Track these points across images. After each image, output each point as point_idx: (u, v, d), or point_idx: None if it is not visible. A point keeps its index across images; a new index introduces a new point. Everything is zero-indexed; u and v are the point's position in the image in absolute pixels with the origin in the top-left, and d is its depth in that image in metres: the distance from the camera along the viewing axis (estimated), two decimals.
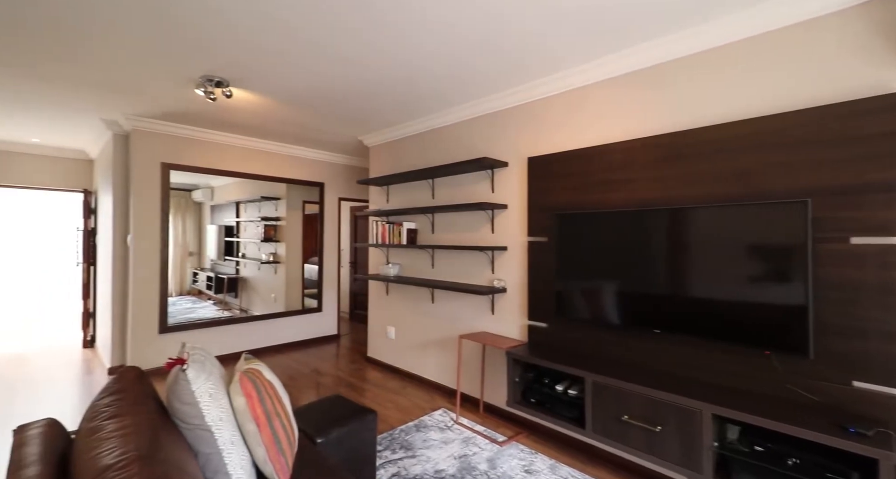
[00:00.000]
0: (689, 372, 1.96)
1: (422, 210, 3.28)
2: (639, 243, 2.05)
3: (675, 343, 2.01)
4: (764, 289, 1.68)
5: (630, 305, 2.09)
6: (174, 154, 3.79)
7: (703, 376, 1.92)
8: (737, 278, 1.75)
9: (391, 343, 3.85)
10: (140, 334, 3.61)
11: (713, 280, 1.81)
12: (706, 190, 1.92)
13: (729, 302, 1.77)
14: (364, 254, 6.08)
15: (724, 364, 1.86)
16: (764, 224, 1.68)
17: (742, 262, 1.74)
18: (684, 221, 1.90)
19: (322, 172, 4.96)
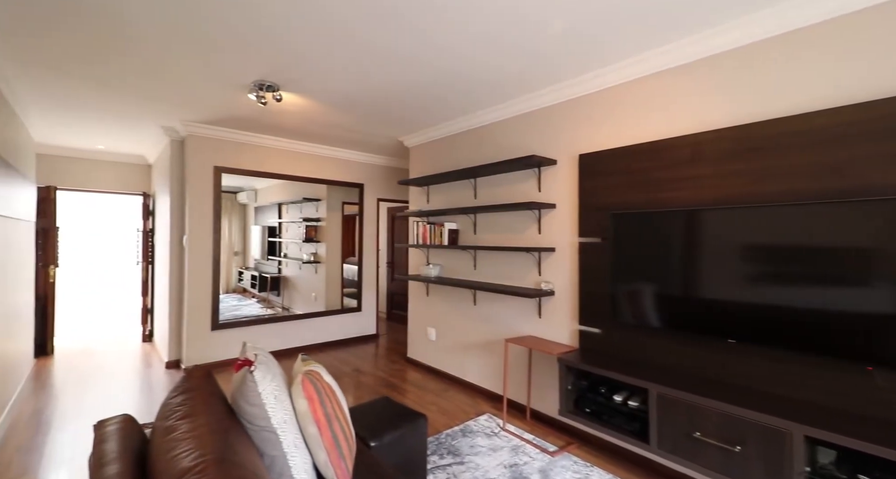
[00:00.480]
0: (770, 387, 1.78)
1: (463, 210, 3.23)
2: (709, 244, 1.88)
3: (753, 355, 1.83)
4: (864, 297, 1.49)
5: (698, 312, 1.93)
6: (225, 158, 3.94)
7: (787, 392, 1.73)
8: (829, 284, 1.56)
9: (432, 345, 3.82)
10: (194, 330, 3.78)
11: (801, 286, 1.63)
12: (787, 186, 1.74)
13: (821, 311, 1.58)
14: (402, 254, 6.11)
15: (812, 380, 1.67)
16: (865, 223, 1.49)
17: (836, 265, 1.55)
18: (763, 221, 1.73)
19: (361, 174, 5.02)
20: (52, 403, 3.06)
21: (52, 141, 4.27)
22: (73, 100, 3.04)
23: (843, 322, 1.54)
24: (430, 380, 3.60)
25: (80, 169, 4.76)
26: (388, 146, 4.54)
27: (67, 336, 4.99)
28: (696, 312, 1.94)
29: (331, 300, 4.98)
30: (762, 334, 1.73)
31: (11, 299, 3.05)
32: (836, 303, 1.55)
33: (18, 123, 3.32)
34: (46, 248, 4.27)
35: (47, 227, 4.27)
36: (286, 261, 5.09)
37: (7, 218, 2.83)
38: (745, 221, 1.78)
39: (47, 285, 4.26)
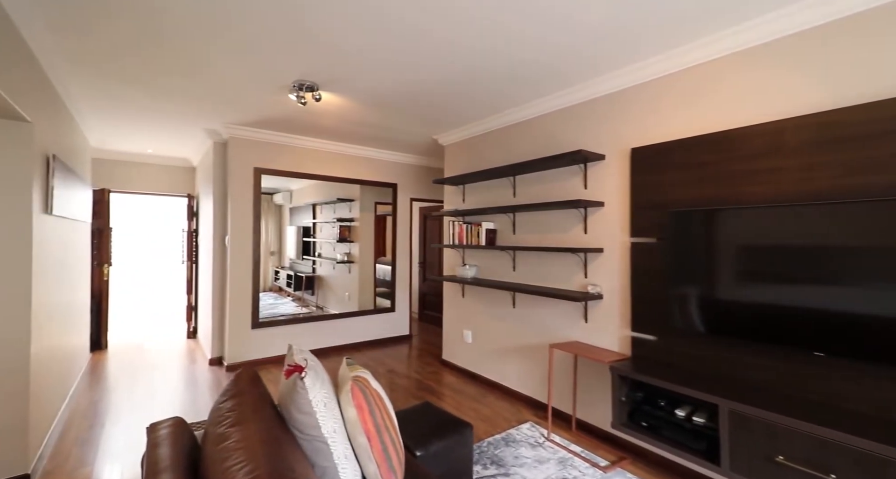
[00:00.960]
0: (866, 408, 1.57)
1: (502, 209, 3.11)
2: (793, 244, 1.68)
3: (844, 370, 1.62)
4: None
5: (776, 320, 1.73)
6: (264, 159, 4.01)
7: (889, 416, 1.51)
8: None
9: (468, 347, 3.73)
10: (235, 328, 3.87)
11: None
12: (887, 179, 1.51)
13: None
14: (434, 254, 6.05)
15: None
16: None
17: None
18: (861, 218, 1.52)
19: (395, 173, 4.99)
20: (106, 396, 3.20)
21: (106, 146, 4.51)
22: (122, 103, 3.17)
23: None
24: (467, 384, 3.50)
25: (131, 172, 5.01)
26: (421, 145, 4.49)
27: (120, 332, 5.27)
28: (774, 320, 1.74)
29: (363, 300, 4.99)
30: (859, 349, 1.52)
31: (71, 297, 3.21)
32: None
33: (77, 129, 3.51)
34: (101, 247, 4.50)
35: (102, 227, 4.50)
36: (320, 261, 5.15)
37: (67, 219, 2.98)
38: (837, 219, 1.57)
39: (102, 283, 4.50)
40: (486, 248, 3.31)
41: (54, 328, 2.63)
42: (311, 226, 5.16)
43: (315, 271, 5.20)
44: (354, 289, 5.04)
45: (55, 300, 2.63)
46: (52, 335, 2.59)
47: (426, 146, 4.54)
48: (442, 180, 3.77)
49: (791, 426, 1.51)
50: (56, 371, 2.69)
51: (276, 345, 4.10)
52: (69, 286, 3.07)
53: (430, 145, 4.49)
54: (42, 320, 2.31)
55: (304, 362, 1.22)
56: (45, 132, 2.33)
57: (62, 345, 2.87)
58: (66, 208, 2.78)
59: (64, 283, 2.89)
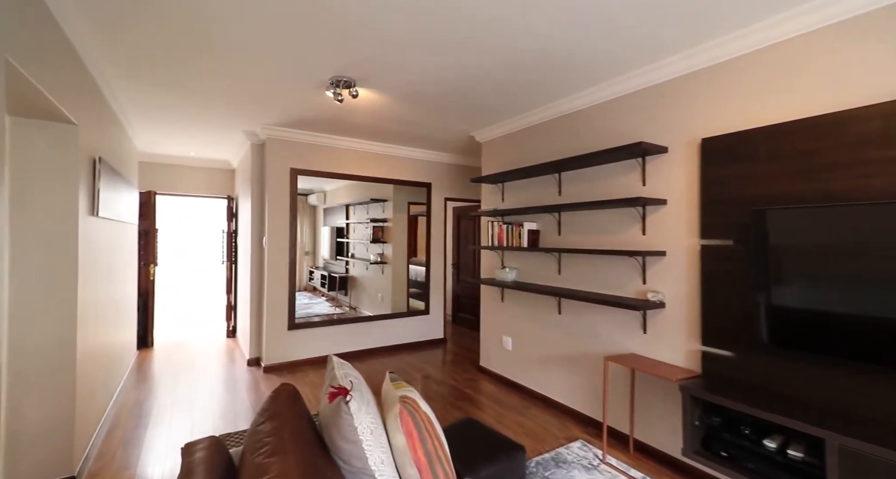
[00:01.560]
0: None
1: (546, 209, 2.90)
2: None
3: None
4: None
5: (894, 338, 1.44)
6: (300, 160, 3.99)
7: None
8: None
9: (508, 355, 3.53)
10: (272, 330, 3.86)
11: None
12: None
13: None
14: (468, 256, 5.89)
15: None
16: None
17: None
18: None
19: (429, 173, 4.87)
20: (150, 395, 3.26)
21: (152, 149, 4.66)
22: (166, 107, 3.21)
23: None
24: (507, 394, 3.31)
25: (174, 174, 5.16)
26: (456, 143, 4.33)
27: (165, 330, 5.46)
28: (893, 338, 1.44)
29: (397, 301, 4.89)
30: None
31: (118, 296, 3.29)
32: None
33: (124, 133, 3.61)
34: (147, 248, 4.65)
35: (148, 228, 4.65)
36: (353, 261, 5.11)
37: (114, 221, 3.04)
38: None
39: (148, 282, 4.65)
40: (529, 250, 3.10)
41: (102, 327, 2.68)
42: (345, 226, 5.13)
43: (348, 272, 5.17)
44: (387, 290, 4.96)
45: (102, 300, 2.68)
46: (100, 334, 2.63)
47: (461, 144, 4.38)
48: (480, 179, 3.60)
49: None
50: (104, 369, 2.74)
51: (311, 347, 4.07)
52: (117, 286, 3.14)
53: (465, 143, 4.33)
54: (89, 319, 2.34)
55: (348, 383, 1.09)
56: (91, 135, 2.36)
57: (110, 343, 2.93)
58: (113, 210, 2.83)
59: (111, 283, 2.95)
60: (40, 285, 1.96)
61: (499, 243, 3.39)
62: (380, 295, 4.99)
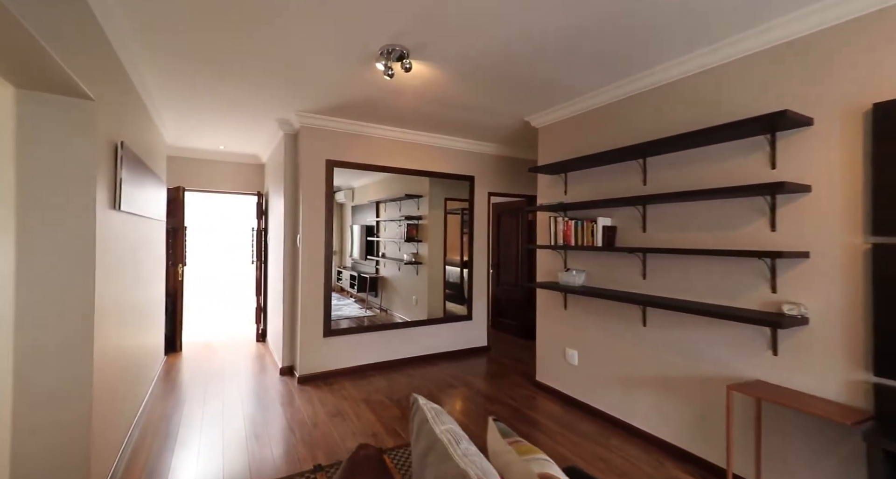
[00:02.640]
0: None
1: (626, 201, 2.45)
2: None
3: None
4: None
5: None
6: (336, 150, 3.65)
7: None
8: None
9: (572, 371, 3.07)
10: (307, 337, 3.53)
11: None
12: None
13: None
14: (509, 256, 5.44)
15: None
16: None
17: None
18: None
19: (471, 165, 4.45)
20: (178, 408, 2.97)
21: (180, 142, 4.42)
22: (195, 88, 2.91)
23: None
24: (575, 417, 2.85)
25: (202, 170, 4.93)
26: (504, 131, 3.90)
27: (193, 333, 5.24)
28: None
29: (433, 305, 4.50)
30: None
31: (147, 297, 3.02)
32: None
33: (151, 121, 3.35)
34: (176, 247, 4.42)
35: (177, 226, 4.42)
36: (384, 261, 4.76)
37: (139, 217, 2.76)
38: None
39: (177, 283, 4.42)
40: (604, 250, 2.64)
41: (126, 331, 2.38)
42: (375, 225, 4.79)
43: (378, 272, 4.84)
44: (423, 293, 4.58)
45: (127, 302, 2.39)
46: (124, 338, 2.33)
47: (509, 133, 3.95)
48: (538, 169, 3.15)
49: None
50: (128, 379, 2.45)
51: (348, 355, 3.72)
52: (143, 287, 2.86)
53: (513, 132, 3.89)
54: (110, 323, 2.03)
55: (449, 438, 0.67)
56: (111, 115, 2.05)
57: (135, 349, 2.65)
58: (138, 204, 2.53)
59: (137, 283, 2.66)
60: (51, 285, 1.65)
61: (565, 242, 2.94)
62: (414, 298, 4.63)
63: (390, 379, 3.57)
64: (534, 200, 4.95)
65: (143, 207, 2.76)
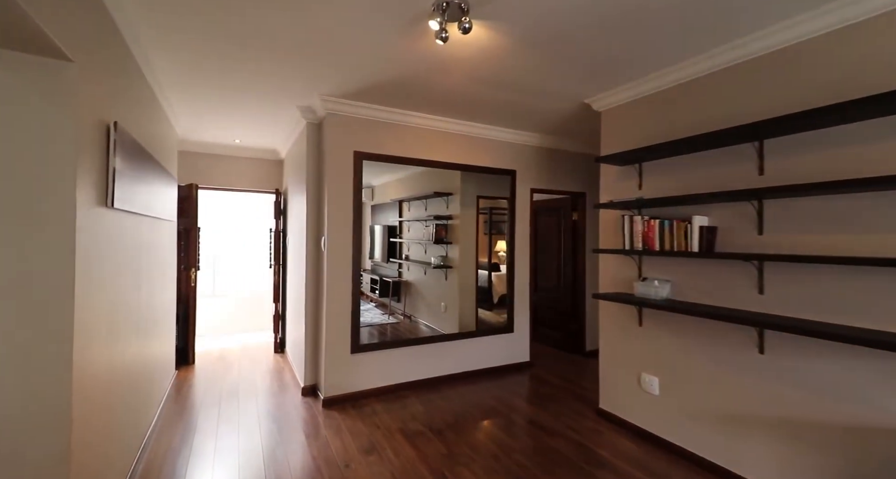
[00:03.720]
0: None
1: (732, 196, 1.94)
2: None
3: None
4: None
5: None
6: (365, 141, 3.20)
7: None
8: None
9: (651, 400, 2.55)
10: (333, 352, 3.09)
11: None
12: None
13: None
14: (549, 259, 4.92)
15: None
16: None
17: None
18: None
19: (513, 158, 3.96)
20: (188, 438, 2.56)
21: (193, 137, 4.05)
22: (211, 78, 2.50)
23: None
24: (658, 459, 2.34)
25: (216, 166, 4.56)
26: (551, 117, 3.40)
27: (206, 342, 4.87)
28: None
29: (464, 313, 4.04)
30: None
31: (153, 306, 2.63)
32: None
33: (161, 113, 2.96)
34: (189, 250, 4.05)
35: (189, 227, 4.05)
36: (408, 264, 4.30)
37: (146, 216, 2.36)
38: None
39: (189, 289, 4.04)
40: (700, 256, 2.13)
41: (122, 348, 1.98)
42: (398, 225, 4.31)
43: (401, 276, 4.38)
44: (453, 299, 4.12)
45: (123, 315, 1.98)
46: (120, 355, 1.93)
47: (557, 120, 3.45)
48: (606, 159, 2.66)
49: None
50: (128, 402, 2.05)
51: (378, 373, 3.28)
52: (147, 296, 2.47)
53: (562, 119, 3.39)
54: (98, 339, 1.62)
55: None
56: (101, 87, 1.63)
57: (136, 366, 2.25)
58: (139, 202, 2.13)
59: (138, 293, 2.26)
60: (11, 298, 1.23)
61: (645, 246, 2.43)
62: (443, 304, 4.17)
63: (427, 402, 3.11)
64: (580, 197, 4.43)
65: (148, 206, 2.36)
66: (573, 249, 4.55)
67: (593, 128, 3.61)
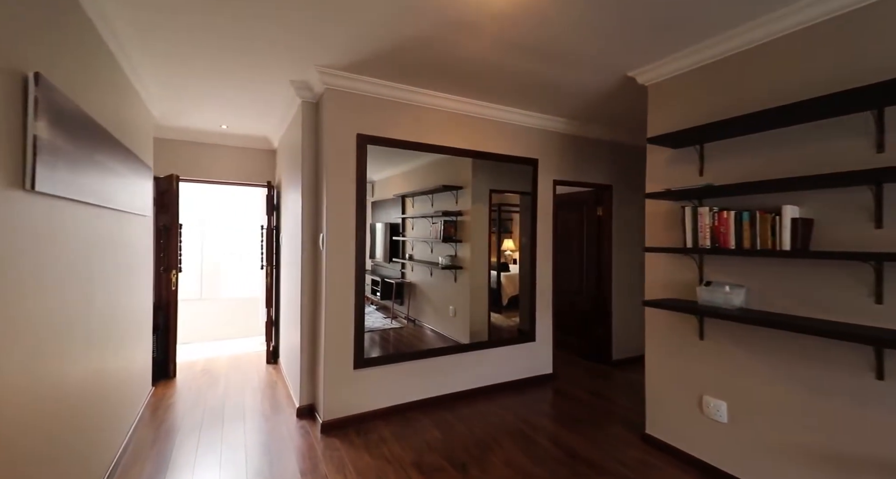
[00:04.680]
0: None
1: (837, 179, 1.54)
2: None
3: None
4: None
5: None
6: (369, 122, 2.76)
7: None
8: None
9: (717, 429, 2.13)
10: (333, 368, 2.65)
11: None
12: None
13: None
14: (570, 259, 4.49)
15: None
16: None
17: None
18: None
19: (535, 145, 3.52)
20: (158, 477, 2.10)
21: (173, 122, 3.59)
22: (189, 54, 2.04)
23: None
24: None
25: (201, 156, 4.09)
26: (581, 98, 2.97)
27: (191, 352, 4.40)
28: None
29: (476, 318, 3.62)
30: None
31: (118, 313, 2.18)
32: None
33: (129, 88, 2.50)
34: (169, 249, 3.59)
35: (169, 224, 3.59)
36: (412, 264, 3.88)
37: (105, 209, 1.91)
38: None
39: (170, 293, 3.58)
40: (792, 255, 1.70)
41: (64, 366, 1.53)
42: (400, 222, 3.92)
43: (405, 277, 3.97)
44: (463, 303, 3.70)
45: (61, 328, 1.53)
46: (64, 374, 1.48)
47: (590, 99, 3.02)
48: (657, 139, 2.23)
49: None
50: (85, 431, 1.61)
51: (384, 391, 2.84)
52: (102, 304, 2.01)
53: (597, 98, 2.96)
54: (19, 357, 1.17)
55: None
56: (12, 20, 1.17)
57: (93, 386, 1.80)
58: (90, 189, 1.67)
59: (91, 299, 1.81)
60: None
61: (715, 242, 2.00)
62: (451, 308, 3.75)
63: (442, 424, 2.68)
64: (605, 190, 4.00)
65: (108, 196, 1.91)
66: (597, 247, 4.13)
67: (628, 110, 3.19)
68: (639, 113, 3.02)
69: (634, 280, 4.06)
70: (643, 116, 2.69)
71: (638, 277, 4.09)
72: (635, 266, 4.04)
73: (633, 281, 4.07)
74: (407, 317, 4.16)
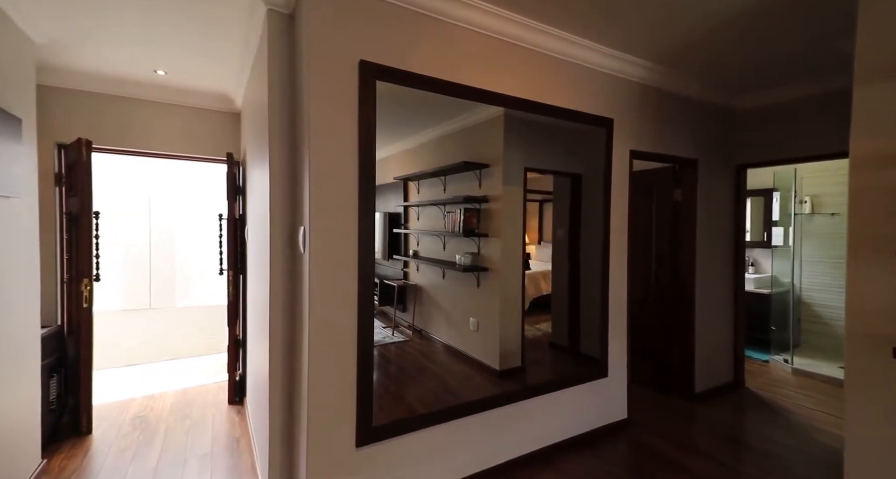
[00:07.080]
0: None
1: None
2: None
3: None
4: None
5: None
6: (378, 45, 1.68)
7: None
8: None
9: None
10: (321, 443, 1.59)
11: None
12: None
13: None
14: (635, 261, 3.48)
15: None
16: None
17: None
18: None
19: (608, 98, 2.49)
20: None
21: (78, 61, 2.43)
22: None
23: None
24: None
25: (130, 116, 2.90)
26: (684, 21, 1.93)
27: (117, 391, 3.25)
28: None
29: (508, 334, 2.68)
30: None
31: None
32: None
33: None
34: (79, 248, 2.46)
35: (78, 212, 2.45)
36: (418, 263, 3.25)
37: None
38: None
39: (80, 313, 2.45)
40: None
41: None
42: (402, 212, 3.27)
43: (408, 278, 3.31)
44: (489, 315, 2.79)
45: None
46: None
47: (692, 25, 1.98)
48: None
49: None
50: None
51: (403, 474, 1.79)
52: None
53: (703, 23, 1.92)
54: None
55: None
56: None
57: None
58: None
59: None
60: None
61: None
62: (473, 320, 2.88)
63: None
64: (688, 166, 2.98)
65: None
66: (674, 242, 3.13)
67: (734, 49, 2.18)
68: (748, 57, 2.05)
69: (718, 289, 3.13)
70: (751, 61, 1.68)
71: (728, 280, 3.17)
72: (725, 269, 3.12)
73: (718, 289, 3.13)
74: (412, 327, 3.28)
